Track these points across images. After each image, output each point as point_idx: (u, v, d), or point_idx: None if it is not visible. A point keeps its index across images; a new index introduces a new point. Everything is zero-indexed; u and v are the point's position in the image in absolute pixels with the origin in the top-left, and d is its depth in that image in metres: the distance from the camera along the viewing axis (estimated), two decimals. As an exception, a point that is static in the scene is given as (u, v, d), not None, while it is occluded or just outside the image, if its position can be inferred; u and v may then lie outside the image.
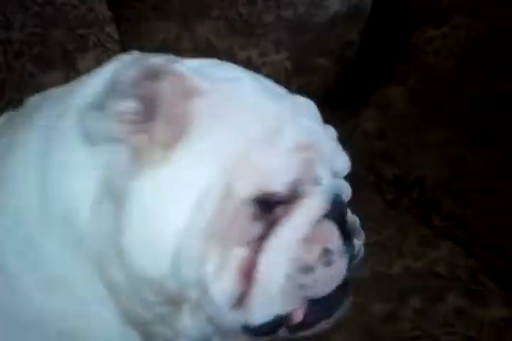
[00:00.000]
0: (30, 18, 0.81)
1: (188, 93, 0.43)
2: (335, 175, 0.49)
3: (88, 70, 0.87)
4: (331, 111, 1.20)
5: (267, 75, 1.07)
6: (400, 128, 0.99)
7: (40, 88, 0.80)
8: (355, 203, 0.91)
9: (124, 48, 0.96)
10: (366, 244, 0.83)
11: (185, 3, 0.96)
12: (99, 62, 0.89)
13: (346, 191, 0.52)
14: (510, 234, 0.80)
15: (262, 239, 0.42)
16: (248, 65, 1.05)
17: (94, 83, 0.47)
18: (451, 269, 0.81)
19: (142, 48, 0.95)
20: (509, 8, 0.96)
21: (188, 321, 0.43)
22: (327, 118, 1.16)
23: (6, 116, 0.56)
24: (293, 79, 1.13)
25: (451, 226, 0.87)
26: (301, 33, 1.09)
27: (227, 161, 0.42)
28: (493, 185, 0.83)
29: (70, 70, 0.87)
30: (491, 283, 0.79)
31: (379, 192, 0.97)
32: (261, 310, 0.42)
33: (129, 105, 0.42)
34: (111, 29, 0.94)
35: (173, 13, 0.95)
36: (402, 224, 0.90)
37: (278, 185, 0.42)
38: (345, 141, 1.03)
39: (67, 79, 0.85)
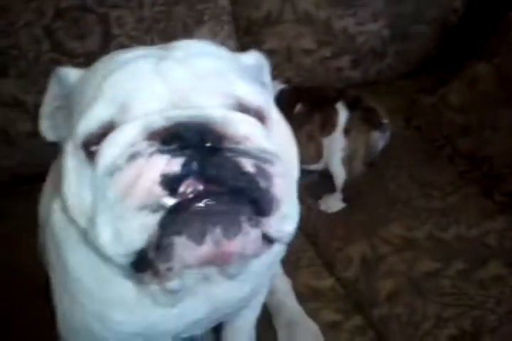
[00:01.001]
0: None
1: None
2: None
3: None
4: (427, 76, 1.26)
5: (362, 43, 1.14)
6: (481, 104, 1.02)
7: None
8: (428, 171, 1.00)
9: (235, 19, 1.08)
10: (429, 209, 0.93)
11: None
12: (213, 33, 1.03)
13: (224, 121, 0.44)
14: None
15: None
16: (343, 34, 1.12)
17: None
18: (500, 241, 0.88)
19: (250, 18, 1.06)
20: None
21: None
22: (422, 85, 1.22)
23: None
24: (389, 46, 1.19)
25: (509, 202, 0.92)
26: (401, 2, 1.13)
27: None
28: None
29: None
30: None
31: (452, 163, 1.02)
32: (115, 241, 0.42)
33: None
34: (224, 2, 1.05)
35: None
36: (468, 194, 0.97)
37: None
38: (430, 110, 1.09)
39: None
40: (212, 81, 0.46)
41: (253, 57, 0.56)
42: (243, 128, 0.43)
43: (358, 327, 0.81)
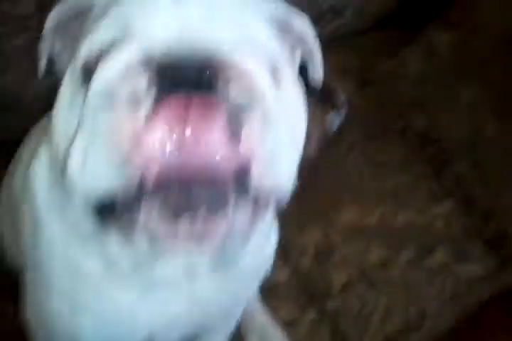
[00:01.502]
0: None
1: None
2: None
3: None
4: (383, 34, 1.18)
5: (323, 1, 1.02)
6: (439, 78, 0.98)
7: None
8: (380, 147, 0.97)
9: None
10: (380, 188, 0.93)
11: None
12: None
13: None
14: (506, 205, 0.89)
15: None
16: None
17: None
18: (448, 227, 0.91)
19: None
20: None
21: None
22: (379, 44, 1.15)
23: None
24: (348, 3, 1.08)
25: (457, 185, 0.93)
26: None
27: None
28: (507, 160, 0.88)
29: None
30: (477, 243, 0.89)
31: (404, 140, 1.00)
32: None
33: None
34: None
35: None
36: (418, 174, 0.96)
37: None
38: (385, 78, 1.04)
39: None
40: (230, 16, 0.42)
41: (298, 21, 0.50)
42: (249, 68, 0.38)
43: (314, 321, 0.83)
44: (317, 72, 0.55)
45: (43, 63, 0.50)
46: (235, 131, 0.35)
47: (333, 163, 0.97)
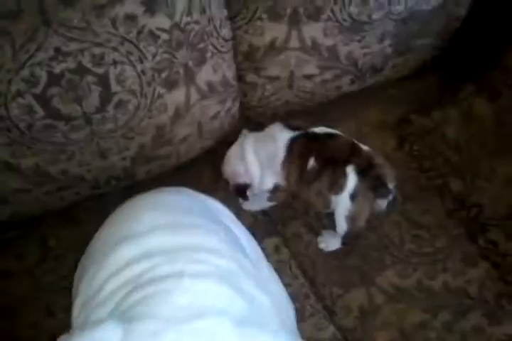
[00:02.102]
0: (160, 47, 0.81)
1: None
2: None
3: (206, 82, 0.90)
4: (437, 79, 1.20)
5: (364, 63, 1.04)
6: (477, 148, 1.01)
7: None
8: (419, 206, 1.01)
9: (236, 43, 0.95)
10: (420, 254, 0.98)
11: (297, 4, 0.89)
12: (214, 69, 0.91)
13: None
14: None
15: None
16: (348, 58, 1.02)
17: None
18: (481, 291, 0.96)
19: (252, 44, 0.94)
20: None
21: None
22: (415, 97, 1.16)
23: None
24: (390, 60, 1.11)
25: (492, 250, 0.98)
26: (407, 22, 1.02)
27: None
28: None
29: (191, 85, 0.90)
30: (510, 307, 0.95)
31: (442, 201, 1.04)
32: None
33: None
34: (226, 30, 0.91)
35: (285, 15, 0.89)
36: (454, 237, 1.01)
37: None
38: (424, 136, 1.06)
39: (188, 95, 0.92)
40: None
41: None
42: None
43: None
44: None
45: None
46: None
47: (375, 224, 1.01)
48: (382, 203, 0.94)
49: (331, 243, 1.01)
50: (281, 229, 1.05)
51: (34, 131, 0.82)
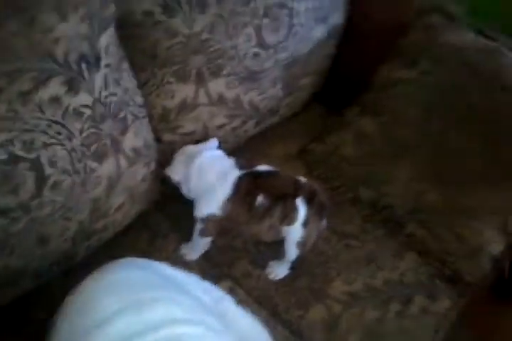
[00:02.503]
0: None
1: None
2: None
3: (132, 148, 0.89)
4: (309, 118, 1.31)
5: (263, 107, 1.11)
6: (373, 159, 1.11)
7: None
8: (340, 218, 1.09)
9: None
10: (355, 260, 1.05)
11: (201, 65, 0.93)
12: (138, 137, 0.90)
13: None
14: (452, 252, 1.05)
15: None
16: (250, 105, 1.08)
17: None
18: (416, 277, 1.04)
19: (166, 107, 0.95)
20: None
21: None
22: (309, 129, 1.26)
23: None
24: (283, 101, 1.19)
25: (413, 241, 1.08)
26: (291, 66, 1.11)
27: None
28: (450, 218, 1.04)
29: (119, 154, 0.88)
30: (442, 284, 1.05)
31: (355, 208, 1.13)
32: None
33: None
34: (138, 98, 0.91)
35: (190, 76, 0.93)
36: (378, 238, 1.09)
37: None
38: (326, 160, 1.16)
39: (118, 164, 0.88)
40: None
41: None
42: None
43: None
44: None
45: None
46: None
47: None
48: (324, 224, 0.99)
49: (279, 271, 1.02)
50: (229, 271, 1.03)
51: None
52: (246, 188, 0.93)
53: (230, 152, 1.04)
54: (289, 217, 0.93)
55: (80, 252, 0.95)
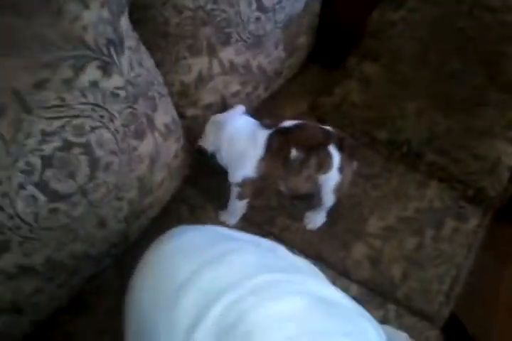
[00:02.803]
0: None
1: None
2: None
3: (164, 124, 0.92)
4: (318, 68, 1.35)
5: (269, 71, 1.15)
6: (382, 100, 1.16)
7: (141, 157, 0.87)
8: (363, 163, 1.14)
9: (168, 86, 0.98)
10: (384, 196, 1.11)
11: (210, 35, 0.97)
12: (166, 113, 0.93)
13: None
14: (473, 172, 1.11)
15: None
16: (259, 69, 1.12)
17: None
18: (442, 201, 1.11)
19: (184, 82, 0.98)
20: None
21: None
22: (315, 85, 1.30)
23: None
24: (286, 62, 1.23)
25: (434, 170, 1.14)
26: (288, 27, 1.14)
27: None
28: (464, 140, 1.10)
29: (154, 131, 0.91)
30: (468, 205, 1.12)
31: (374, 151, 1.18)
32: None
33: None
34: (159, 76, 0.94)
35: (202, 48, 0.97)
36: (401, 174, 1.15)
37: None
38: (337, 111, 1.21)
39: (154, 141, 0.91)
40: None
41: None
42: None
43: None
44: None
45: None
46: None
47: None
48: (354, 165, 1.02)
49: (317, 220, 1.07)
50: (270, 228, 1.09)
51: (41, 220, 0.76)
52: (278, 145, 0.96)
53: (248, 117, 1.08)
54: (325, 165, 0.96)
55: (133, 232, 0.99)
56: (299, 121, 1.01)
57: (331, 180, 0.99)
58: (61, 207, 0.79)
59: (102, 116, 0.79)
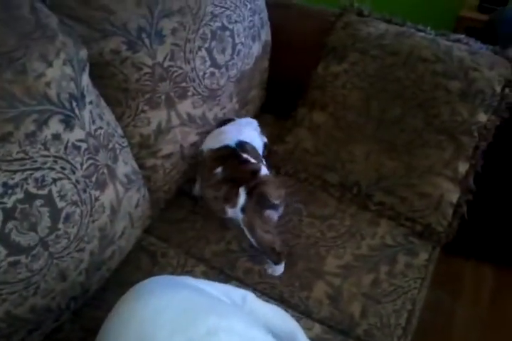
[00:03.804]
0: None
1: None
2: None
3: (124, 174, 0.93)
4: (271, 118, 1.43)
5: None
6: (331, 145, 1.22)
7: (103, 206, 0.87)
8: (312, 206, 1.18)
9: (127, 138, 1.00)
10: (339, 236, 1.14)
11: (168, 90, 1.01)
12: (126, 163, 0.95)
13: None
14: (419, 209, 1.17)
15: None
16: (214, 120, 1.16)
17: None
18: (394, 238, 1.15)
19: (143, 134, 1.00)
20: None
21: None
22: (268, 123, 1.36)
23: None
24: (240, 113, 1.29)
25: (383, 209, 1.19)
26: (240, 81, 1.21)
27: None
28: (408, 180, 1.17)
29: (115, 181, 0.92)
30: (417, 240, 1.16)
31: (327, 193, 1.23)
32: None
33: None
34: (119, 129, 0.96)
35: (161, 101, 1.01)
36: (353, 214, 1.19)
37: None
38: (290, 157, 1.25)
39: (116, 190, 0.92)
40: None
41: None
42: None
43: None
44: None
45: None
46: None
47: (294, 231, 1.14)
48: (272, 214, 1.04)
49: (276, 267, 1.07)
50: (232, 272, 1.08)
51: (1, 273, 0.74)
52: (219, 155, 1.05)
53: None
54: (231, 201, 1.00)
55: (94, 284, 0.97)
56: (254, 160, 1.06)
57: (235, 215, 1.03)
58: (22, 260, 0.77)
59: (63, 168, 0.79)
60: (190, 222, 1.17)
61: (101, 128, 0.88)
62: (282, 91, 1.40)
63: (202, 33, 1.01)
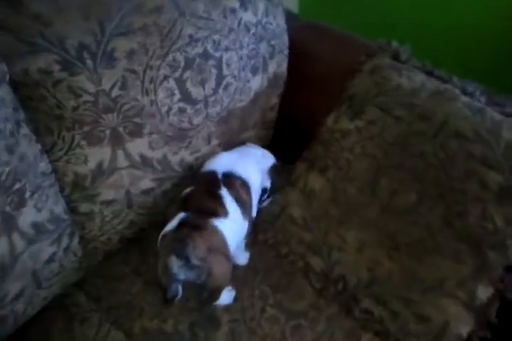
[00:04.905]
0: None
1: None
2: None
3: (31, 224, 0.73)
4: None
5: (198, 168, 0.99)
6: (322, 222, 0.96)
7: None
8: (290, 293, 0.92)
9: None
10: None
11: (116, 125, 0.80)
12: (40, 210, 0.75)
13: None
14: (413, 333, 0.87)
15: None
16: (181, 166, 0.94)
17: None
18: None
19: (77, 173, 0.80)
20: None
21: None
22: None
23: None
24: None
25: (370, 320, 0.90)
26: (228, 121, 0.97)
27: None
28: (406, 292, 0.87)
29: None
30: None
31: (307, 280, 0.95)
32: None
33: None
34: (44, 164, 0.78)
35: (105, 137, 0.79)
36: (330, 316, 0.91)
37: None
38: (274, 223, 1.00)
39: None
40: None
41: None
42: None
43: None
44: None
45: None
46: None
47: (250, 324, 0.89)
48: (173, 262, 0.80)
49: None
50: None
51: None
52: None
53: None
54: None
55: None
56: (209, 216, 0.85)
57: None
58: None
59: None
60: (128, 284, 0.94)
61: (6, 164, 0.68)
62: (292, 134, 1.15)
63: (171, 60, 0.80)
